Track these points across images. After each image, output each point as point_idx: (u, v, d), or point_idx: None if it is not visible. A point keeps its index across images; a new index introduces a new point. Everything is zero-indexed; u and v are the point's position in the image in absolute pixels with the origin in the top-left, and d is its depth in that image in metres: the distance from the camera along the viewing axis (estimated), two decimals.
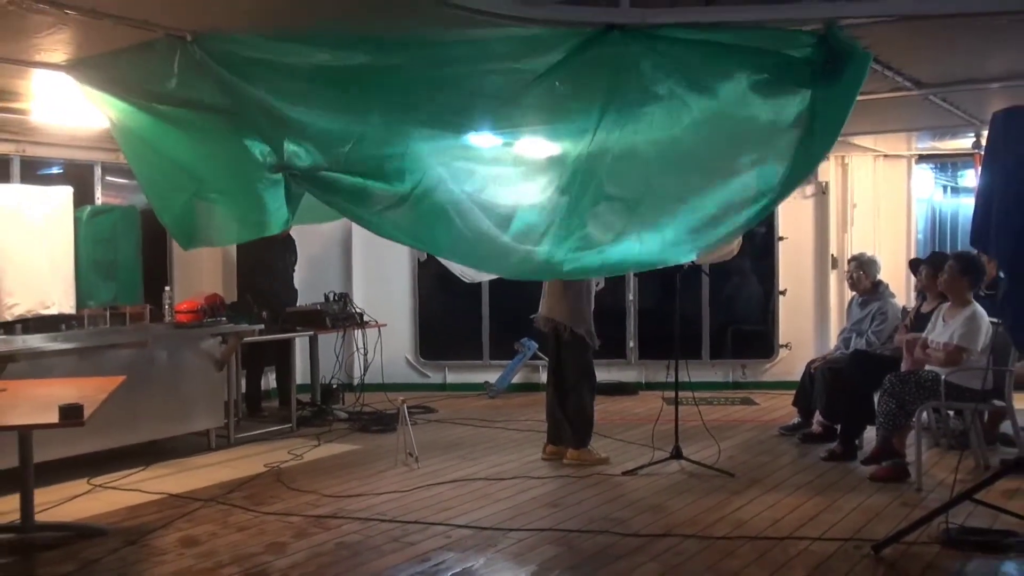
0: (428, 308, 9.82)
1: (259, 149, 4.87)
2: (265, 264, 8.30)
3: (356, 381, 8.69)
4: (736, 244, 6.73)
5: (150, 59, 4.73)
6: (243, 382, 8.02)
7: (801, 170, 4.48)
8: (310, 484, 5.82)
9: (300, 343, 8.26)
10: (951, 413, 6.55)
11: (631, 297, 9.81)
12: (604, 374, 8.53)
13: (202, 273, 8.62)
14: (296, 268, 8.78)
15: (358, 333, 8.57)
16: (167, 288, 7.43)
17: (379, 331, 8.47)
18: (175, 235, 5.71)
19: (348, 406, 8.42)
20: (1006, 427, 6.36)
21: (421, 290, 9.75)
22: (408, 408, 6.98)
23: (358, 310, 8.52)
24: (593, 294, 6.52)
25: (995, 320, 5.80)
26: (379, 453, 6.73)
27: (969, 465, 5.88)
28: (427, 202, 4.80)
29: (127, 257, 7.29)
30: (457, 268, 8.95)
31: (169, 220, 5.67)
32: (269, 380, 8.66)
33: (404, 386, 9.20)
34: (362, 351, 8.50)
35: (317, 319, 8.08)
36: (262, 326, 7.42)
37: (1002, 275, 5.72)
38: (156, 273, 7.80)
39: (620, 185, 4.62)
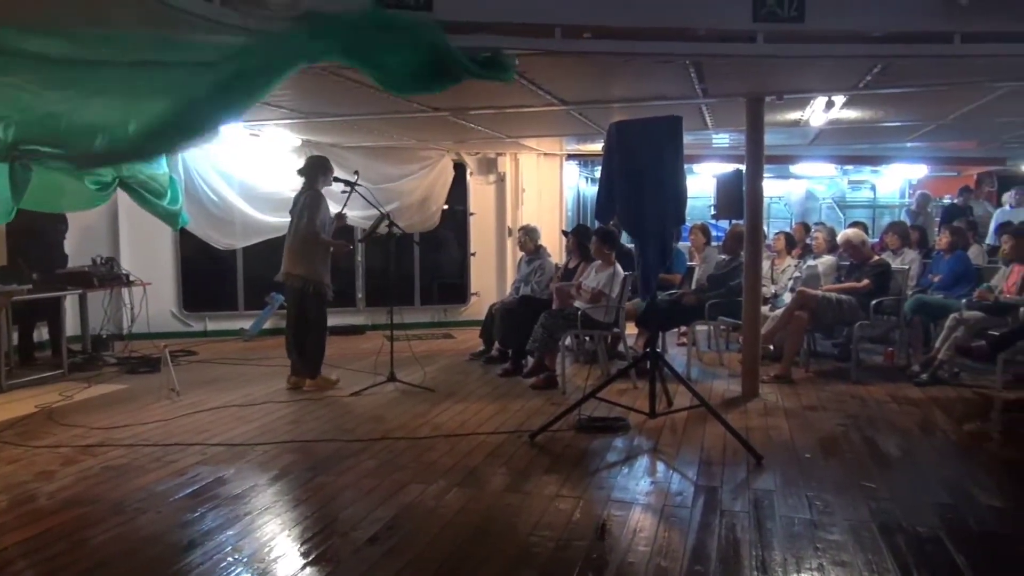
0: (190, 267, 9.10)
1: None
2: (35, 231, 7.30)
3: (125, 331, 7.93)
4: (437, 217, 6.90)
5: None
6: (16, 336, 7.05)
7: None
8: (80, 420, 5.24)
9: (71, 300, 7.38)
10: (587, 338, 7.09)
11: (359, 259, 9.68)
12: (337, 319, 8.41)
13: None
14: (67, 235, 7.82)
15: (125, 290, 7.82)
16: None
17: (144, 289, 7.76)
18: None
19: (117, 353, 7.65)
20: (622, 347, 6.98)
21: (183, 252, 8.99)
22: (171, 352, 6.49)
23: (124, 271, 7.75)
24: (329, 255, 6.34)
25: (630, 272, 6.30)
26: (146, 390, 6.17)
27: (597, 373, 6.39)
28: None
29: None
30: (202, 233, 8.43)
31: None
32: (43, 334, 7.66)
33: (170, 334, 8.53)
34: (129, 306, 7.78)
35: (85, 279, 7.25)
36: (30, 286, 6.52)
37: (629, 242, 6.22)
38: None
39: None
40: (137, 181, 6.93)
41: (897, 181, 15.50)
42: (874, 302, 6.52)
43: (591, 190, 13.17)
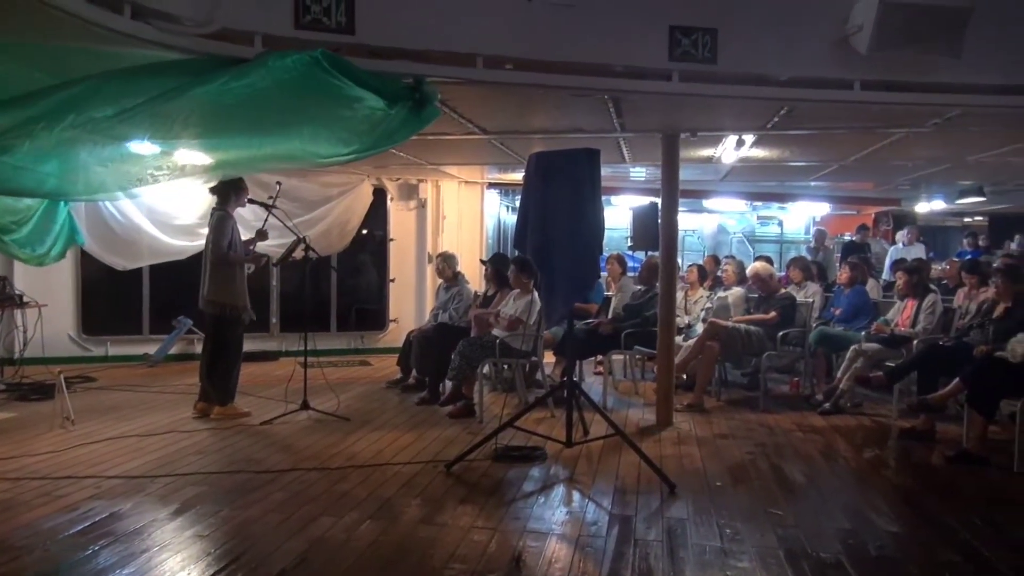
0: (91, 288, 8.65)
1: None
2: None
3: (16, 356, 7.45)
4: (346, 242, 6.81)
5: None
6: None
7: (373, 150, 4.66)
8: None
9: None
10: (505, 366, 7.08)
11: (274, 283, 9.43)
12: (250, 344, 8.11)
13: None
14: None
15: (18, 312, 7.37)
16: None
17: (39, 310, 7.33)
18: None
19: (6, 378, 7.17)
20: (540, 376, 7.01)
21: (84, 272, 8.55)
22: (67, 378, 6.12)
23: (18, 291, 7.30)
24: (245, 276, 6.14)
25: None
26: (37, 419, 5.80)
27: (514, 402, 6.38)
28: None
29: None
30: (109, 258, 8.07)
31: None
32: None
33: (66, 359, 8.08)
34: (21, 328, 7.32)
35: None
36: None
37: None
38: None
39: None
40: None
41: (802, 218, 16.27)
42: (780, 333, 6.77)
43: (512, 219, 13.25)
